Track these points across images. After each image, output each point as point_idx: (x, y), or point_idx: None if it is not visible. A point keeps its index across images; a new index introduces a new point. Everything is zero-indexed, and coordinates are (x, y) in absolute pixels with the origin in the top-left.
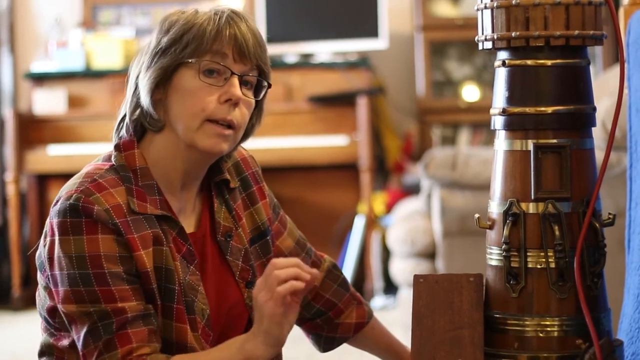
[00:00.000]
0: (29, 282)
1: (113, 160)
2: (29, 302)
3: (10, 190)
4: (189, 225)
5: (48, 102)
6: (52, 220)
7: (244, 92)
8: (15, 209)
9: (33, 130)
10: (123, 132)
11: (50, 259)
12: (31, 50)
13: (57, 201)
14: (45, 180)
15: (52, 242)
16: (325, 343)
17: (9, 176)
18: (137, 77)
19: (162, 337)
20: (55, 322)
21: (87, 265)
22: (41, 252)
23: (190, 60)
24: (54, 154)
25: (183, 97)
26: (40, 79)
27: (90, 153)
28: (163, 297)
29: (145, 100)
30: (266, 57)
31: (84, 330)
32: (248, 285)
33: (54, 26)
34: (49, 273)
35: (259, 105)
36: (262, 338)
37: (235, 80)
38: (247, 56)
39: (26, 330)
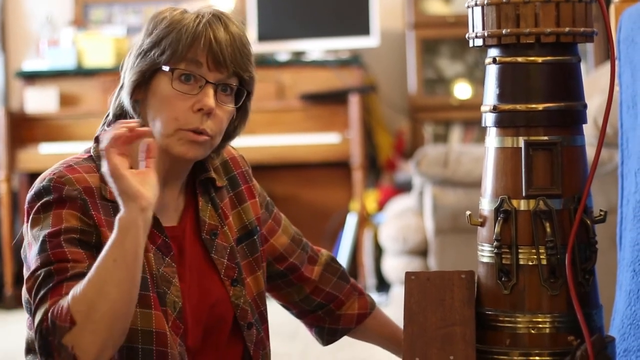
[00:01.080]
0: (21, 280)
1: (92, 152)
2: (21, 301)
3: (2, 189)
4: (169, 220)
5: (40, 101)
6: (27, 204)
7: (222, 99)
8: (6, 207)
9: (25, 129)
10: (105, 127)
11: (26, 245)
12: (22, 49)
13: (33, 187)
14: (36, 179)
15: (26, 226)
16: (328, 335)
17: (1, 175)
18: (124, 74)
19: (141, 329)
20: None
21: (46, 238)
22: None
23: (165, 68)
24: (45, 153)
25: (159, 102)
26: (32, 77)
27: None
28: None
29: (125, 99)
30: (247, 64)
31: (33, 292)
32: (233, 283)
33: (45, 25)
34: (22, 256)
35: (242, 108)
36: (121, 201)
37: (210, 90)
38: (222, 64)
39: (18, 329)
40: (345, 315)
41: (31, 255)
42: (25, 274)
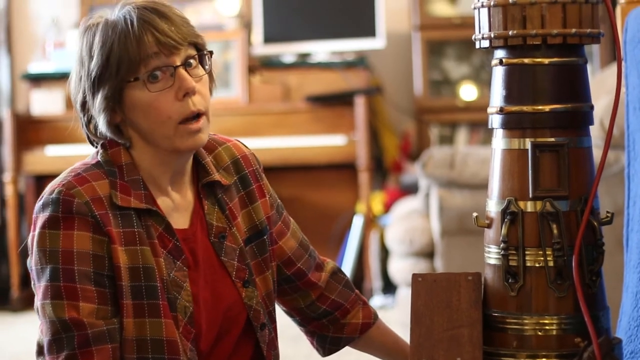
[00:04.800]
0: (27, 282)
1: (99, 157)
2: (28, 303)
3: (9, 191)
4: (182, 221)
5: (46, 103)
6: (35, 215)
7: (193, 72)
8: (13, 209)
9: (31, 131)
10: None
11: (31, 253)
12: (28, 51)
13: (42, 196)
14: (43, 181)
15: (32, 237)
16: (331, 344)
17: (7, 177)
18: (84, 102)
19: (151, 339)
20: None
21: (58, 260)
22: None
23: (130, 80)
24: (51, 155)
25: (143, 112)
26: (38, 79)
27: (88, 154)
28: (146, 295)
29: (105, 129)
30: (192, 30)
31: (49, 337)
32: (245, 285)
33: (51, 27)
34: (29, 267)
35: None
36: None
37: (181, 72)
38: (176, 45)
39: (26, 331)
40: (349, 324)
41: (41, 278)
42: (35, 290)
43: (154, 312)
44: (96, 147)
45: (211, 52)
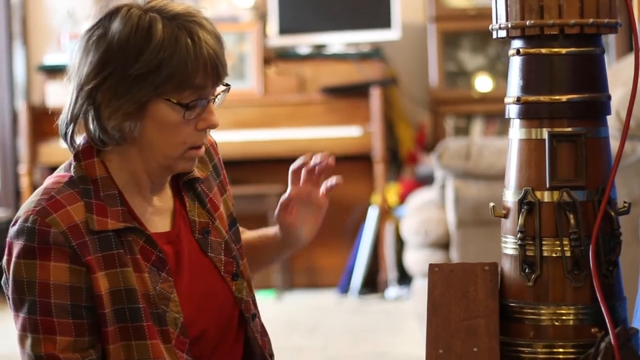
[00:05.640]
0: None
1: (72, 171)
2: None
3: (24, 182)
4: (163, 224)
5: (61, 95)
6: (10, 240)
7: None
8: None
9: (46, 123)
10: (79, 139)
11: (7, 281)
12: (44, 43)
13: (16, 221)
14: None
15: (9, 262)
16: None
17: (23, 168)
18: (94, 89)
19: None
20: None
21: (35, 293)
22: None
23: (172, 100)
24: (66, 147)
25: (161, 128)
26: (53, 71)
27: None
28: (130, 318)
29: (114, 129)
30: (227, 66)
31: None
32: (234, 278)
33: (66, 19)
34: (5, 292)
35: None
36: None
37: (212, 106)
38: (221, 79)
39: None
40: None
41: (19, 309)
42: (13, 317)
43: (139, 335)
44: (71, 150)
45: (228, 87)
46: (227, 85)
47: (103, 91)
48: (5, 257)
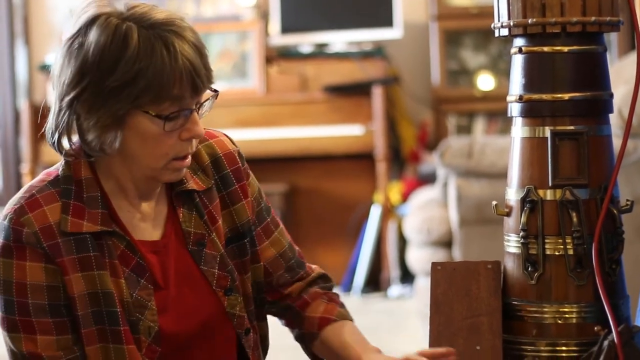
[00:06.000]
0: None
1: (60, 170)
2: None
3: (26, 181)
4: (150, 233)
5: None
6: None
7: (199, 113)
8: None
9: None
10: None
11: None
12: (45, 42)
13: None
14: None
15: None
16: (300, 341)
17: (25, 168)
18: (73, 100)
19: None
20: None
21: (12, 293)
22: None
23: (151, 113)
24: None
25: (142, 140)
26: None
27: None
28: (107, 321)
29: (94, 141)
30: (211, 74)
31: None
32: (227, 293)
33: (68, 18)
34: None
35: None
36: None
37: (195, 116)
38: (201, 89)
39: None
40: (308, 318)
41: None
42: None
43: (116, 339)
44: (62, 156)
45: (216, 93)
46: (215, 91)
47: (82, 102)
48: None
